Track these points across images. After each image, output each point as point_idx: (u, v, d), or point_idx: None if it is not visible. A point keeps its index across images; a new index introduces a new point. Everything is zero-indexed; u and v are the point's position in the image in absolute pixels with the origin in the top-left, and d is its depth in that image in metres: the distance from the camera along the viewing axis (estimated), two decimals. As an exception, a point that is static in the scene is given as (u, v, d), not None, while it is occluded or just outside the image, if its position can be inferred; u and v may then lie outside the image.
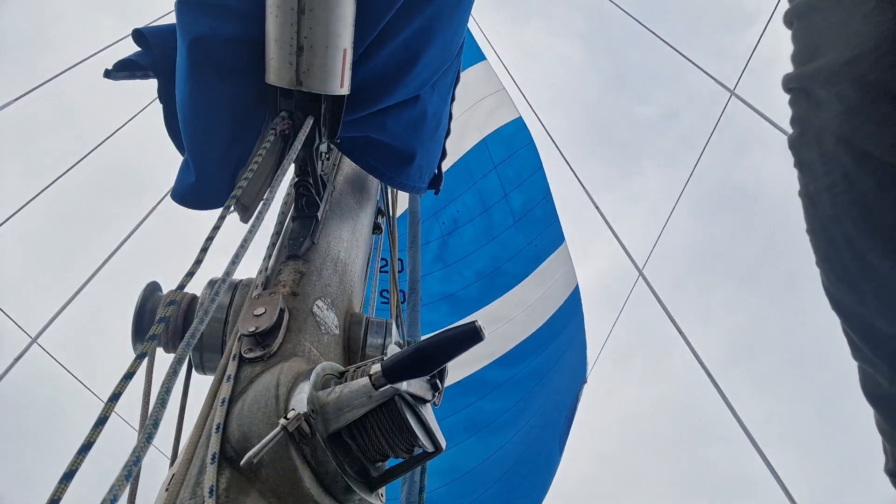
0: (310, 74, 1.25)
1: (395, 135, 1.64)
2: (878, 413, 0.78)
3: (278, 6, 1.18)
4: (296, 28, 1.19)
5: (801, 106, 0.75)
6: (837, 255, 0.74)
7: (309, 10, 1.17)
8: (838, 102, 0.67)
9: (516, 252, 6.34)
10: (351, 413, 0.95)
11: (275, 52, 1.23)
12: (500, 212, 6.41)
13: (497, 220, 6.38)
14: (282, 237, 1.51)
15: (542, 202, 6.48)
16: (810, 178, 0.75)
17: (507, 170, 6.48)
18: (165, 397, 0.72)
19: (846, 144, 0.67)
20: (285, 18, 1.18)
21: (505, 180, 6.46)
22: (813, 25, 0.74)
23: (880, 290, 0.69)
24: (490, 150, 6.50)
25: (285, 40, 1.20)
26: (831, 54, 0.68)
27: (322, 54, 1.23)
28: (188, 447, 0.95)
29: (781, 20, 0.80)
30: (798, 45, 0.76)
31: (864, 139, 0.65)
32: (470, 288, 6.27)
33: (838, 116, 0.68)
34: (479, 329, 0.90)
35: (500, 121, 6.59)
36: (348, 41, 1.27)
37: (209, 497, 0.82)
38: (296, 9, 1.17)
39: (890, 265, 0.66)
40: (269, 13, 1.20)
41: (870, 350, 0.74)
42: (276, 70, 1.25)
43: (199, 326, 0.83)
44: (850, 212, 0.69)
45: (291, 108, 1.34)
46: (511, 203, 6.44)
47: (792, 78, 0.76)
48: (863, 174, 0.66)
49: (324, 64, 1.24)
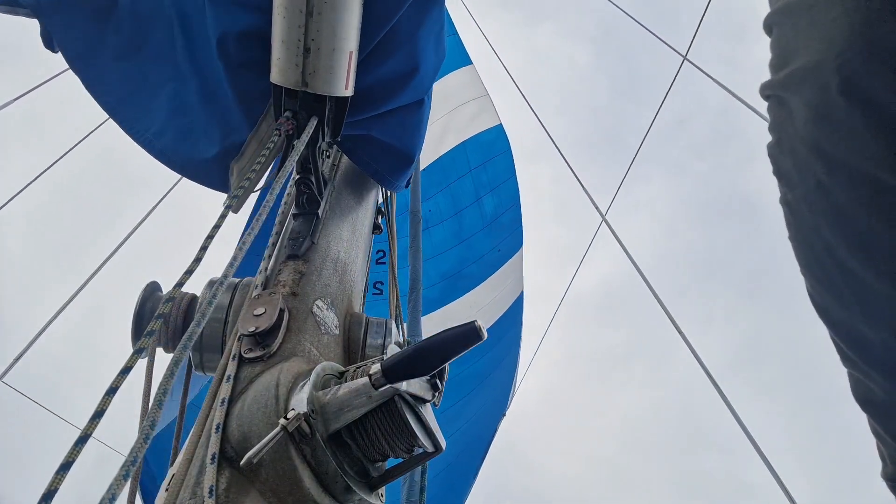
0: (316, 76, 1.25)
1: (397, 137, 1.65)
2: (873, 419, 0.78)
3: (286, 7, 1.18)
4: (303, 30, 1.19)
5: (776, 113, 0.74)
6: (819, 262, 0.73)
7: (317, 13, 1.17)
8: (806, 109, 0.67)
9: (481, 256, 6.42)
10: (351, 413, 0.95)
11: (281, 52, 1.23)
12: (472, 215, 6.49)
13: (468, 224, 6.46)
14: (282, 237, 1.51)
15: (511, 208, 6.59)
16: (787, 187, 0.74)
17: (482, 174, 6.57)
18: (163, 398, 0.72)
19: (817, 152, 0.66)
20: (293, 20, 1.18)
21: (479, 185, 6.55)
22: (786, 32, 0.73)
23: (863, 297, 0.68)
24: (468, 154, 6.58)
25: (292, 41, 1.21)
26: (799, 60, 0.68)
27: (328, 56, 1.23)
28: (188, 447, 0.95)
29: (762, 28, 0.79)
30: (774, 52, 0.76)
31: (833, 146, 0.64)
32: (432, 288, 6.33)
33: (807, 124, 0.67)
34: (479, 329, 0.90)
35: (480, 126, 6.68)
36: (354, 44, 1.27)
37: (209, 497, 0.82)
38: (304, 11, 1.17)
39: (871, 272, 0.65)
40: (277, 14, 1.20)
41: (858, 357, 0.73)
42: (282, 70, 1.25)
43: (196, 329, 0.83)
44: (827, 219, 0.69)
45: (296, 108, 1.34)
46: (483, 207, 6.53)
47: (767, 85, 0.76)
48: (835, 182, 0.66)
49: (329, 66, 1.25)
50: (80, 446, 0.64)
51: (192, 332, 0.82)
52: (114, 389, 0.71)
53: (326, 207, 1.60)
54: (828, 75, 0.63)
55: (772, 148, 0.77)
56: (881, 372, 0.71)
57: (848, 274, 0.68)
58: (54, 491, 0.62)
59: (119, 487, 0.62)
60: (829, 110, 0.64)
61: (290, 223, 1.54)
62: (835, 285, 0.72)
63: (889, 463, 0.79)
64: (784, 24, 0.74)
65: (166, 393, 0.72)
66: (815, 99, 0.65)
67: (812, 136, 0.67)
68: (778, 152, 0.75)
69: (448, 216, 6.44)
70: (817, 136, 0.66)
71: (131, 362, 0.75)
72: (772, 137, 0.77)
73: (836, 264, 0.70)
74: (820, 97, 0.65)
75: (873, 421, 0.78)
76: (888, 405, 0.73)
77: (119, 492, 0.62)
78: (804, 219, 0.73)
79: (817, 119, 0.66)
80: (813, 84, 0.65)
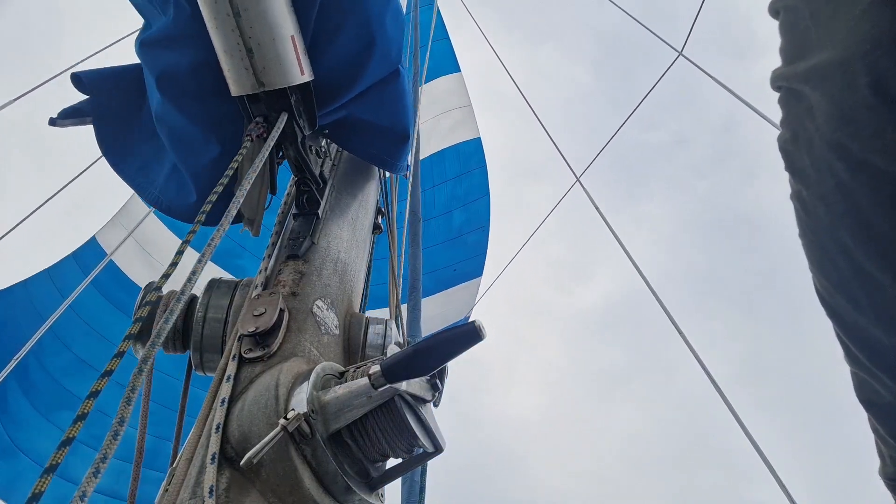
0: (267, 72, 1.25)
1: (383, 114, 1.65)
2: (876, 420, 0.77)
3: (214, 17, 1.19)
4: (238, 32, 1.20)
5: (791, 107, 0.71)
6: (832, 263, 0.70)
7: (243, 10, 1.18)
8: (830, 106, 0.64)
9: (434, 269, 6.30)
10: (351, 413, 0.95)
11: (228, 63, 1.24)
12: (437, 227, 6.38)
13: (429, 234, 6.32)
14: (282, 237, 1.51)
15: (479, 230, 6.48)
16: (803, 185, 0.71)
17: (457, 187, 6.48)
18: (131, 395, 0.72)
19: (840, 152, 0.64)
20: (225, 26, 1.19)
21: (452, 197, 6.46)
22: (802, 18, 0.69)
23: (879, 301, 0.66)
24: (446, 164, 6.49)
25: (233, 47, 1.22)
26: (823, 53, 0.64)
27: (271, 48, 1.23)
28: (188, 447, 0.95)
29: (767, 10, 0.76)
30: (786, 39, 0.72)
31: (858, 146, 0.62)
32: (381, 287, 6.27)
33: (830, 121, 0.64)
34: (480, 329, 0.90)
35: (461, 136, 6.59)
36: (292, 27, 1.28)
37: (209, 497, 0.82)
38: (231, 14, 1.18)
39: (889, 276, 0.63)
40: (210, 27, 1.21)
41: (867, 359, 0.72)
42: (235, 80, 1.27)
43: (165, 326, 0.85)
44: (845, 221, 0.66)
45: (264, 111, 1.36)
46: (451, 221, 6.42)
47: (780, 76, 0.72)
48: (858, 183, 0.63)
49: (276, 57, 1.25)
50: (64, 448, 0.65)
51: (160, 330, 0.84)
52: (95, 393, 0.72)
53: (326, 207, 1.60)
54: (856, 73, 0.60)
55: (786, 143, 0.73)
56: (891, 375, 0.69)
57: (864, 277, 0.66)
58: (40, 493, 0.63)
59: (90, 484, 0.63)
60: (856, 109, 0.61)
61: (289, 223, 1.54)
62: (848, 287, 0.69)
63: (889, 463, 0.78)
64: (798, 9, 0.70)
65: (135, 390, 0.73)
66: (840, 96, 0.62)
67: (834, 134, 0.64)
68: (793, 148, 0.72)
69: (411, 223, 6.42)
70: (840, 135, 0.63)
71: (112, 365, 0.76)
72: (785, 132, 0.73)
73: (851, 266, 0.67)
74: (846, 95, 0.61)
75: (876, 421, 0.77)
76: (894, 407, 0.72)
77: (90, 489, 0.63)
78: (819, 218, 0.70)
79: (842, 117, 0.62)
80: (839, 81, 0.62)
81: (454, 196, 6.46)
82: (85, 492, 0.62)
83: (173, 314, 0.88)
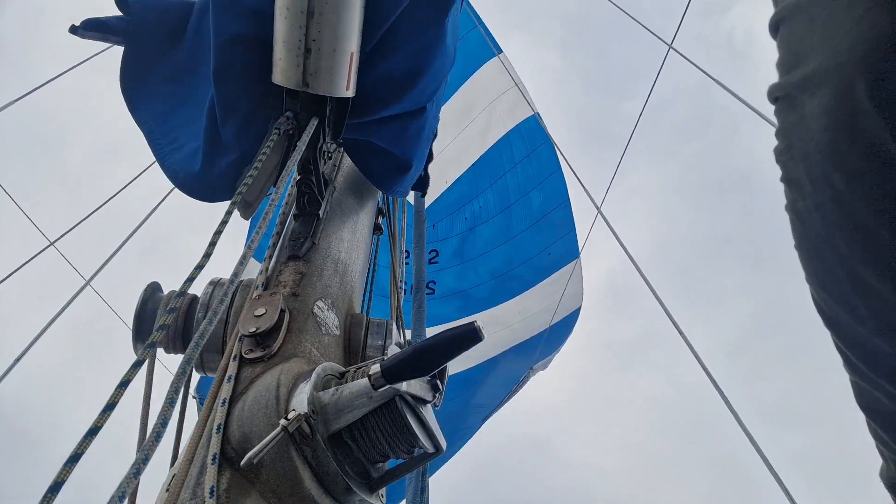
0: (316, 76, 1.25)
1: (397, 143, 1.65)
2: (878, 427, 0.76)
3: (288, 8, 1.18)
4: (304, 31, 1.19)
5: (786, 118, 0.69)
6: (830, 275, 0.69)
7: (318, 14, 1.18)
8: (824, 114, 0.62)
9: (530, 257, 6.23)
10: (351, 414, 0.95)
11: (282, 53, 1.23)
12: (520, 211, 6.28)
13: (516, 220, 6.28)
14: (282, 237, 1.51)
15: (561, 206, 6.28)
16: (799, 195, 0.70)
17: (529, 168, 6.30)
18: (174, 396, 0.71)
19: (835, 161, 0.62)
20: (294, 21, 1.19)
21: (525, 179, 6.30)
22: (798, 29, 0.67)
23: (879, 311, 0.65)
24: (513, 147, 6.36)
25: (293, 42, 1.21)
26: (817, 60, 0.62)
27: (329, 57, 1.23)
28: (188, 448, 0.95)
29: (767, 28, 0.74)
30: (783, 51, 0.71)
31: (854, 156, 0.60)
32: (482, 287, 6.23)
33: (825, 130, 0.62)
34: (479, 329, 0.90)
35: (519, 117, 6.39)
36: (355, 45, 1.27)
37: (209, 497, 0.82)
38: (305, 11, 1.17)
39: (889, 287, 0.62)
40: (279, 15, 1.20)
41: (868, 368, 0.71)
42: (283, 70, 1.25)
43: (209, 327, 0.83)
44: (843, 232, 0.64)
45: (297, 109, 1.35)
46: (531, 203, 6.28)
47: (776, 87, 0.71)
48: (855, 195, 0.61)
49: (330, 67, 1.25)
50: (90, 438, 0.64)
51: (203, 331, 0.82)
52: (112, 405, 0.70)
53: (327, 208, 1.60)
54: (851, 78, 0.58)
55: (780, 154, 0.72)
56: (893, 383, 0.68)
57: (864, 288, 0.65)
58: (61, 483, 0.62)
59: (129, 485, 0.62)
60: (852, 117, 0.59)
61: (290, 224, 1.54)
62: (847, 298, 0.68)
63: (892, 464, 0.78)
64: (796, 20, 0.68)
65: (178, 392, 0.72)
66: (834, 103, 0.60)
67: (830, 144, 0.62)
68: (788, 158, 0.70)
69: (497, 212, 6.30)
70: (837, 144, 0.61)
71: (130, 375, 0.73)
72: (780, 142, 0.72)
73: (850, 278, 0.66)
74: (841, 102, 0.59)
75: (878, 429, 0.76)
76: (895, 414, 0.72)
77: (129, 489, 0.62)
78: (816, 229, 0.68)
79: (837, 125, 0.60)
80: (833, 87, 0.60)
81: (527, 177, 6.28)
82: (125, 491, 0.61)
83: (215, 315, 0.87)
